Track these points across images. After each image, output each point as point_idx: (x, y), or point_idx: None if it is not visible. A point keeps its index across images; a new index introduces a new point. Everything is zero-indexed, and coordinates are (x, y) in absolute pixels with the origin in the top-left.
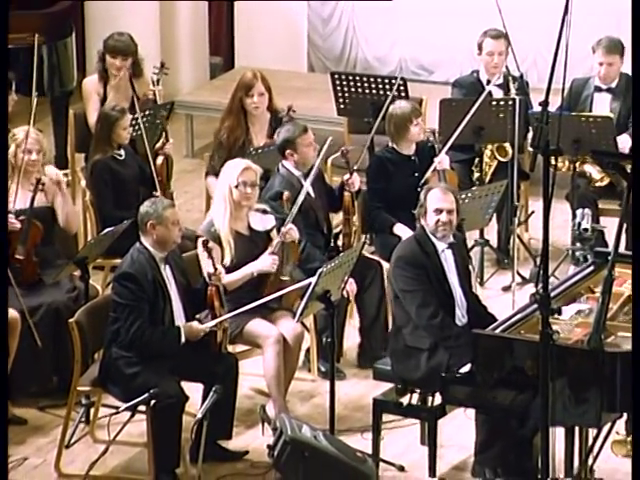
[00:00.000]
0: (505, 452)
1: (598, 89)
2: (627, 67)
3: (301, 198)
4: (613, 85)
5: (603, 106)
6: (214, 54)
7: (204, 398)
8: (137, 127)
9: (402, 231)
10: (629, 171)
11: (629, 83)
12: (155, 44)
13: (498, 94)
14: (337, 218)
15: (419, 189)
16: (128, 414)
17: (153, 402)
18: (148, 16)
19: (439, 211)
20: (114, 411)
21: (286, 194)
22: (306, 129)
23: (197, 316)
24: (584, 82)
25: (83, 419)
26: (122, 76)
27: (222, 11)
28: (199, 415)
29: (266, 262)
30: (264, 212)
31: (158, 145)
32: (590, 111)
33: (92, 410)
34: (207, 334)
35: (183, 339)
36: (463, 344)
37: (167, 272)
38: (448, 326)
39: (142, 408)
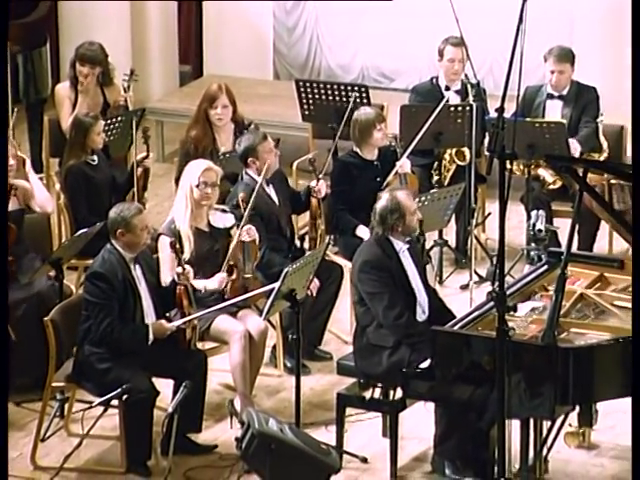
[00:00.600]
0: (463, 443)
1: (550, 96)
2: (577, 75)
3: (252, 199)
4: (564, 92)
5: (555, 112)
6: (183, 63)
7: (174, 393)
8: (109, 133)
9: (364, 233)
10: (580, 174)
11: (579, 90)
12: (127, 53)
13: (456, 100)
14: (302, 220)
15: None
16: (101, 409)
17: (125, 397)
18: (120, 26)
19: (415, 211)
20: (88, 406)
21: (241, 195)
22: (265, 136)
23: (167, 314)
24: (537, 89)
25: (58, 414)
26: (89, 82)
27: (191, 21)
28: (170, 409)
29: (215, 283)
30: (223, 211)
31: (139, 157)
32: (543, 117)
33: (67, 405)
34: (177, 331)
35: (151, 337)
36: (425, 340)
37: (137, 272)
38: (412, 325)
39: (115, 403)
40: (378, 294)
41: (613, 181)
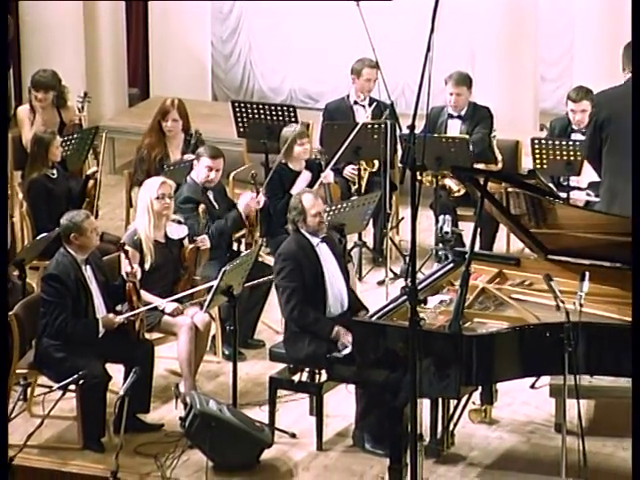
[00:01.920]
0: (380, 420)
1: (450, 116)
2: (478, 96)
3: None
4: (462, 112)
5: (455, 130)
6: (132, 86)
7: (125, 378)
8: (66, 148)
9: None
10: (482, 183)
11: (475, 110)
12: (82, 78)
13: (363, 113)
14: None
15: None
16: (60, 392)
17: (81, 382)
18: (76, 54)
19: (318, 213)
20: (48, 390)
21: (202, 207)
22: (220, 154)
23: (117, 308)
24: (440, 110)
25: (21, 397)
26: (44, 105)
27: (139, 49)
28: (121, 392)
29: (170, 309)
30: (179, 222)
31: (89, 172)
32: (445, 134)
33: (29, 389)
34: (127, 323)
35: (101, 329)
36: (322, 327)
37: (88, 272)
38: (306, 317)
39: (72, 387)
40: (281, 286)
41: (510, 189)
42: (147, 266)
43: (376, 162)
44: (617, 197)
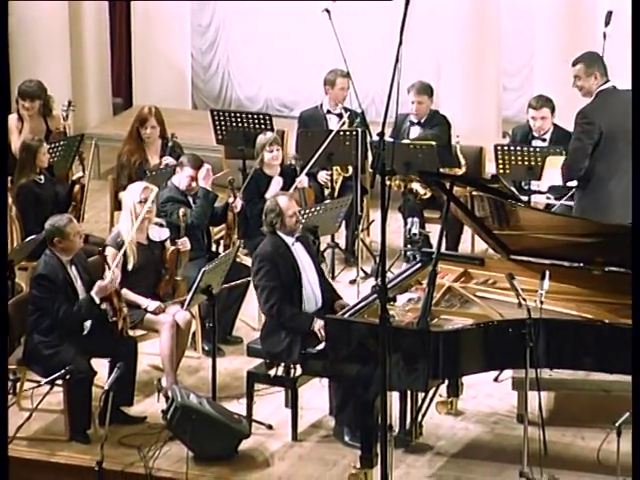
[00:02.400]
0: (355, 413)
1: (412, 123)
2: (443, 106)
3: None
4: (423, 120)
5: (415, 135)
6: (116, 95)
7: (110, 373)
8: (53, 155)
9: None
10: (447, 187)
11: (434, 117)
12: (68, 88)
13: (336, 121)
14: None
15: None
16: (48, 387)
17: (68, 377)
18: (62, 65)
19: (294, 214)
20: (36, 384)
21: (182, 210)
22: (202, 163)
23: (103, 306)
24: (404, 117)
25: (11, 391)
26: (31, 114)
27: (122, 60)
28: (106, 387)
29: (152, 307)
30: (161, 225)
31: (75, 177)
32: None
33: (18, 384)
34: (112, 322)
35: (96, 299)
36: (300, 323)
37: (74, 271)
38: (283, 314)
39: (59, 382)
40: (260, 286)
41: (474, 193)
42: (130, 267)
43: (350, 168)
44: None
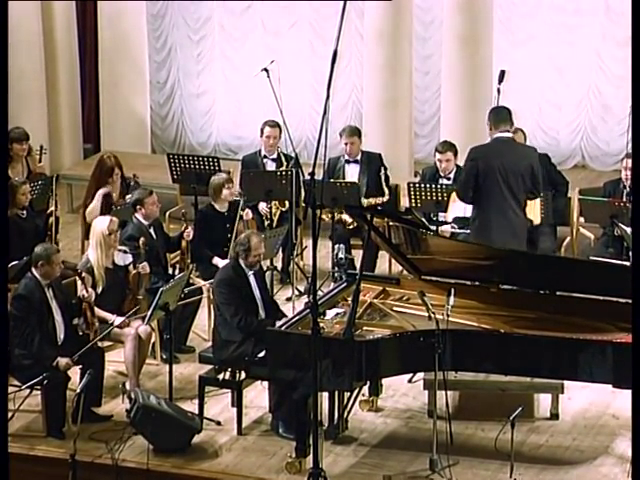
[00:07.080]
0: (290, 410)
1: (347, 161)
2: (369, 145)
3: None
4: (357, 158)
5: (353, 172)
6: (86, 142)
7: (81, 378)
8: (33, 192)
9: (219, 262)
10: (369, 219)
11: (368, 156)
12: (45, 134)
13: (273, 166)
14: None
15: (229, 235)
16: (28, 391)
17: (45, 382)
18: (39, 115)
19: (259, 254)
20: (17, 389)
21: (142, 239)
22: (151, 192)
23: (75, 321)
24: (337, 159)
25: None
26: (24, 154)
27: (91, 112)
28: (78, 390)
29: (118, 322)
30: (125, 252)
31: (49, 211)
32: (343, 178)
33: None
34: (84, 334)
35: (60, 338)
36: (264, 327)
37: (50, 293)
38: (251, 325)
39: (38, 386)
40: (226, 304)
41: (391, 223)
42: (99, 289)
43: (287, 202)
44: (488, 226)
